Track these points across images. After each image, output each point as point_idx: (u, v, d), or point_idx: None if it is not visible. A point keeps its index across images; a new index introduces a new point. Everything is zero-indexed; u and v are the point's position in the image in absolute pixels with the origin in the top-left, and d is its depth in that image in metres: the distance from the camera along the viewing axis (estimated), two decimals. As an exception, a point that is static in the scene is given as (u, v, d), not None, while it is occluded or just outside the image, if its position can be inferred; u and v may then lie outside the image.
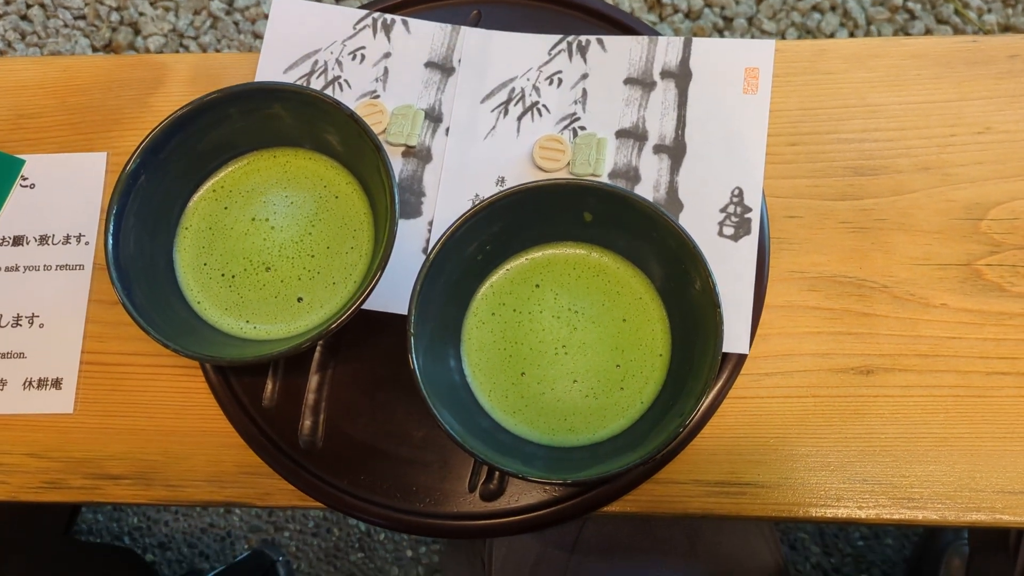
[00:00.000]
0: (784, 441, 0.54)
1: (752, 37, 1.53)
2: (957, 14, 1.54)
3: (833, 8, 1.55)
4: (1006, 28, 1.53)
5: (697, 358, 0.49)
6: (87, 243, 0.61)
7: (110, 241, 0.50)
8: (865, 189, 0.58)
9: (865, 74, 0.60)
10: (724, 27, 1.55)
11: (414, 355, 0.47)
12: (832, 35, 1.52)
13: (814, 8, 1.55)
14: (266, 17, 1.56)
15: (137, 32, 1.60)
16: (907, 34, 1.52)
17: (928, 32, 1.53)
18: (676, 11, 1.57)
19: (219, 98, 0.53)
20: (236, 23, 1.61)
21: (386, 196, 0.51)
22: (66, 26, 1.63)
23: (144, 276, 0.52)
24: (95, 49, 1.60)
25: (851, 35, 1.53)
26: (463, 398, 0.51)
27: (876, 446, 0.54)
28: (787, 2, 1.57)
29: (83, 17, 1.62)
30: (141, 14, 1.61)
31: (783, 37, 1.52)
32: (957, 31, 1.52)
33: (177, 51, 1.59)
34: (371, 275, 0.50)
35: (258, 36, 1.59)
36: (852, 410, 0.54)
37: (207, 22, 1.62)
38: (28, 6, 1.64)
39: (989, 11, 1.54)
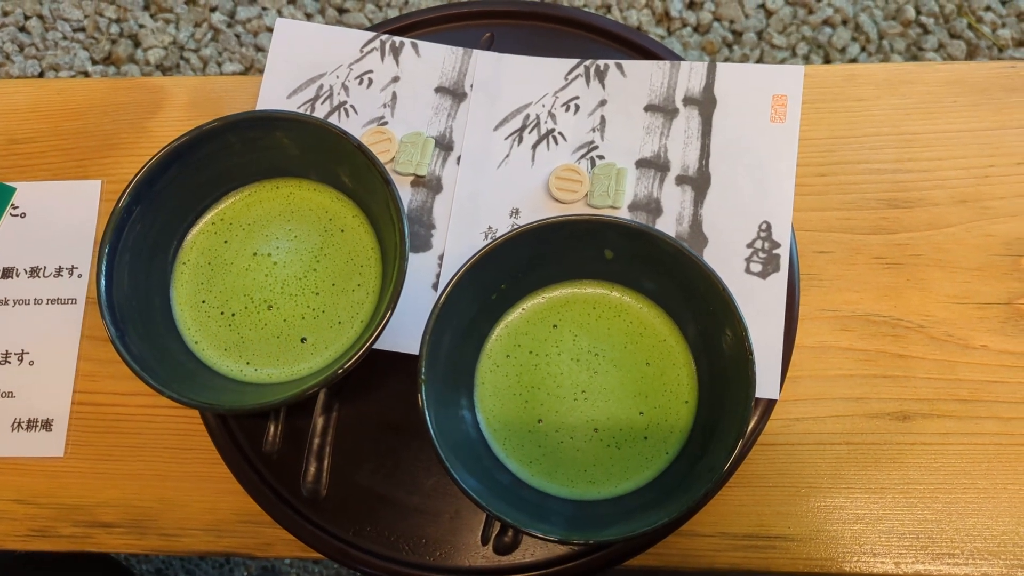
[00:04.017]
0: (816, 491, 0.51)
1: (762, 51, 1.51)
2: (971, 28, 1.51)
3: (844, 22, 1.53)
4: (1020, 43, 1.50)
5: (728, 407, 0.46)
6: (80, 276, 0.58)
7: (103, 282, 0.47)
8: (899, 223, 0.55)
9: (898, 101, 0.57)
10: (733, 41, 1.52)
11: (426, 406, 0.44)
12: (843, 49, 1.49)
13: (825, 22, 1.52)
14: (269, 30, 1.54)
15: (137, 44, 1.58)
16: (920, 48, 1.49)
17: (941, 47, 1.50)
18: (684, 25, 1.54)
19: (219, 127, 0.50)
20: (238, 36, 1.59)
21: (395, 232, 0.48)
22: (65, 38, 1.60)
23: (139, 316, 0.49)
24: (95, 62, 1.57)
25: (863, 49, 1.50)
26: (477, 449, 0.47)
27: (914, 497, 0.50)
28: (797, 16, 1.54)
29: (82, 29, 1.60)
30: (141, 26, 1.58)
31: (794, 52, 1.49)
32: (970, 46, 1.49)
33: (178, 64, 1.57)
34: (380, 315, 0.47)
35: (260, 49, 1.57)
36: (888, 458, 0.51)
37: (208, 34, 1.59)
38: (26, 18, 1.62)
39: (1003, 25, 1.52)
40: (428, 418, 0.44)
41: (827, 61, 1.46)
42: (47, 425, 0.56)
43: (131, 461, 0.55)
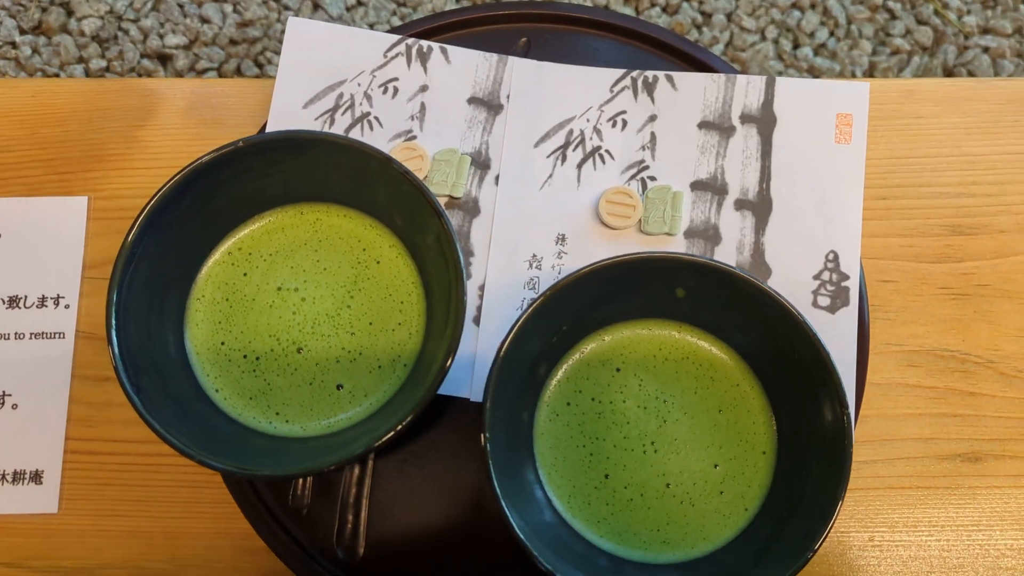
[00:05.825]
0: (887, 540, 0.48)
1: (732, 33, 1.48)
2: (937, 15, 1.50)
3: (813, 6, 1.50)
4: (985, 30, 1.50)
5: (815, 462, 0.42)
6: (67, 306, 0.52)
7: (114, 336, 0.41)
8: (964, 250, 0.52)
9: (958, 119, 0.54)
10: (703, 23, 1.49)
11: (494, 472, 0.40)
12: (812, 34, 1.48)
13: (794, 6, 1.50)
14: (214, 0, 1.44)
15: (70, 14, 1.46)
16: (888, 34, 1.48)
17: (908, 32, 1.50)
18: (653, 5, 1.50)
19: (245, 148, 0.44)
20: (181, 6, 1.48)
21: (448, 268, 0.43)
22: (-11, 5, 1.48)
23: (153, 364, 0.43)
24: (23, 32, 1.45)
25: (831, 34, 1.48)
26: (556, 530, 0.43)
27: (989, 545, 0.48)
28: (766, -2, 1.52)
29: (8, -5, 1.47)
30: (74, -7, 1.46)
31: (763, 35, 1.46)
32: (937, 32, 1.49)
33: (116, 36, 1.46)
34: (433, 362, 0.42)
35: (206, 21, 1.47)
36: (962, 502, 0.49)
37: (148, 3, 1.49)
38: (-57, -19, 1.48)
39: (968, 12, 1.51)
40: (500, 492, 0.39)
41: (796, 46, 1.44)
42: (36, 477, 0.50)
43: (136, 517, 0.49)
